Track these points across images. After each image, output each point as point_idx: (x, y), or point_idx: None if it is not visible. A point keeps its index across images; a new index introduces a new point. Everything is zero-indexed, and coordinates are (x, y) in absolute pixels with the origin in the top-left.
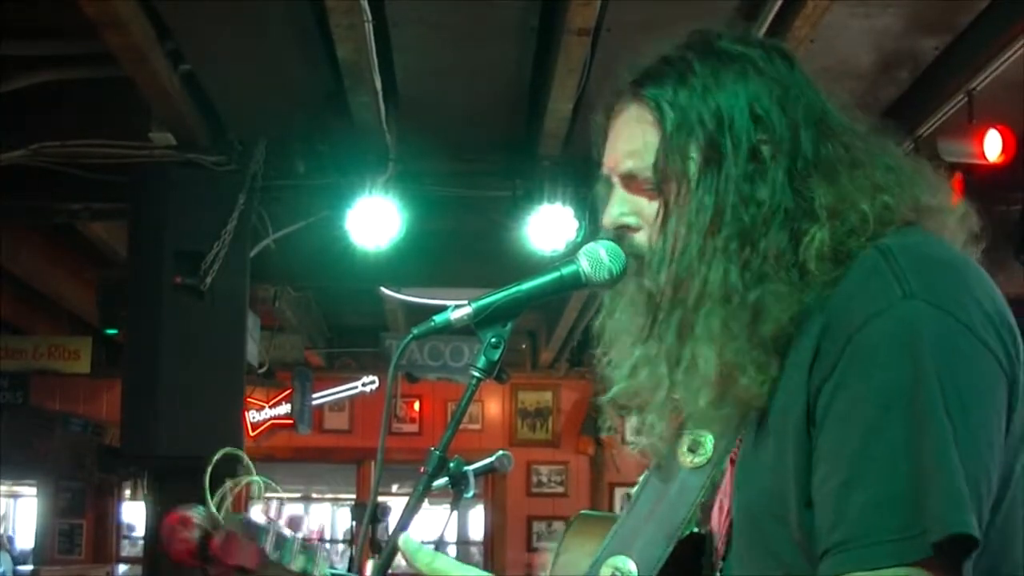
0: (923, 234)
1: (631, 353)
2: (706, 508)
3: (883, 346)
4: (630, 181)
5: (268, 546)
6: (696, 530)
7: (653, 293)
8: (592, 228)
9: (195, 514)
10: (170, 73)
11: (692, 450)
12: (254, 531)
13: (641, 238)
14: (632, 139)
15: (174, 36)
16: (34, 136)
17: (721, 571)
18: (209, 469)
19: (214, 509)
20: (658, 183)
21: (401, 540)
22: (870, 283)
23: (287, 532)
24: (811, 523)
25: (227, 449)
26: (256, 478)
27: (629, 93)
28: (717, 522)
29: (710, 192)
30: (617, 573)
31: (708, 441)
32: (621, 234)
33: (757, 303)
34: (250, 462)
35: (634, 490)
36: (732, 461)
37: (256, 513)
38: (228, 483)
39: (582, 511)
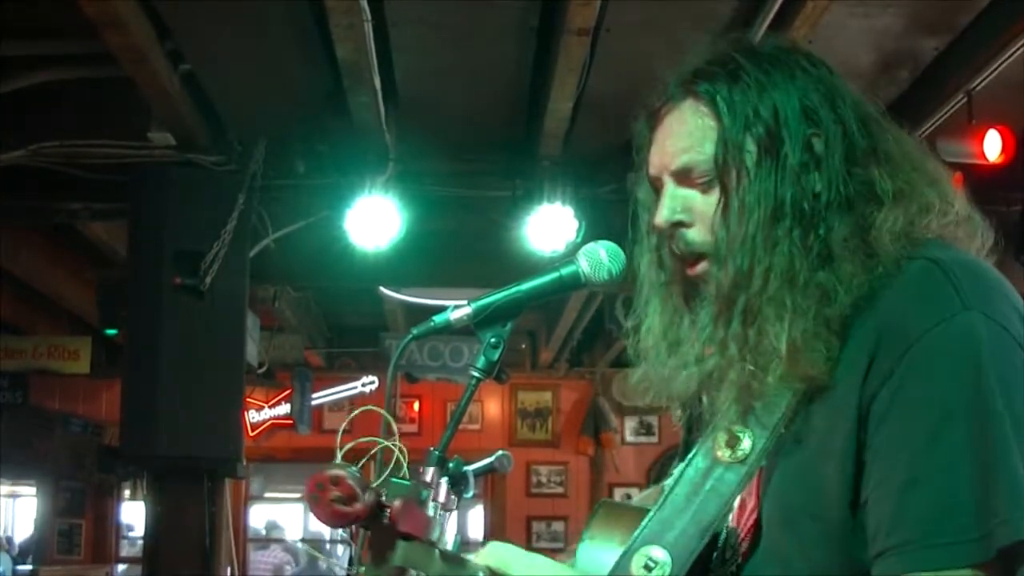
0: (957, 249)
1: (691, 345)
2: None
3: (945, 354)
4: (684, 176)
5: (435, 516)
6: (730, 525)
7: (721, 281)
8: (634, 235)
9: (348, 473)
10: (170, 73)
11: (730, 445)
12: (423, 499)
13: (694, 234)
14: (688, 134)
15: (174, 36)
16: (34, 136)
17: (742, 569)
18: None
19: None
20: (717, 175)
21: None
22: (929, 293)
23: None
24: (854, 524)
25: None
26: (395, 444)
27: (680, 92)
28: (738, 520)
29: (769, 182)
30: (650, 563)
31: (746, 436)
32: (673, 232)
33: (824, 284)
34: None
35: (667, 481)
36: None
37: (421, 480)
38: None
39: (604, 499)
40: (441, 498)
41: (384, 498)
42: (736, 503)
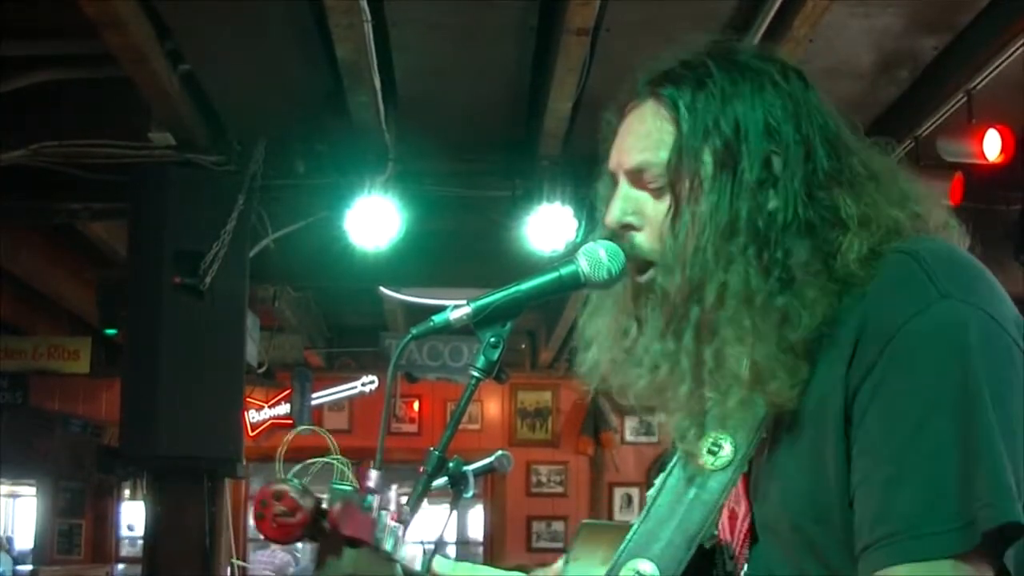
0: (941, 240)
1: (641, 349)
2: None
3: (925, 345)
4: (638, 177)
5: (379, 520)
6: (716, 533)
7: (668, 291)
8: (590, 227)
9: (290, 487)
10: (170, 73)
11: (712, 452)
12: (366, 504)
13: (642, 238)
14: (646, 135)
15: (174, 36)
16: (34, 136)
17: None
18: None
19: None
20: (669, 181)
21: (435, 565)
22: (905, 284)
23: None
24: (839, 523)
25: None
26: (336, 460)
27: (646, 91)
28: (729, 530)
29: (724, 195)
30: None
31: (729, 442)
32: (621, 233)
33: (784, 308)
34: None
35: (650, 492)
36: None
37: (365, 485)
38: (308, 463)
39: (585, 520)
40: (391, 506)
41: (325, 504)
42: (725, 513)
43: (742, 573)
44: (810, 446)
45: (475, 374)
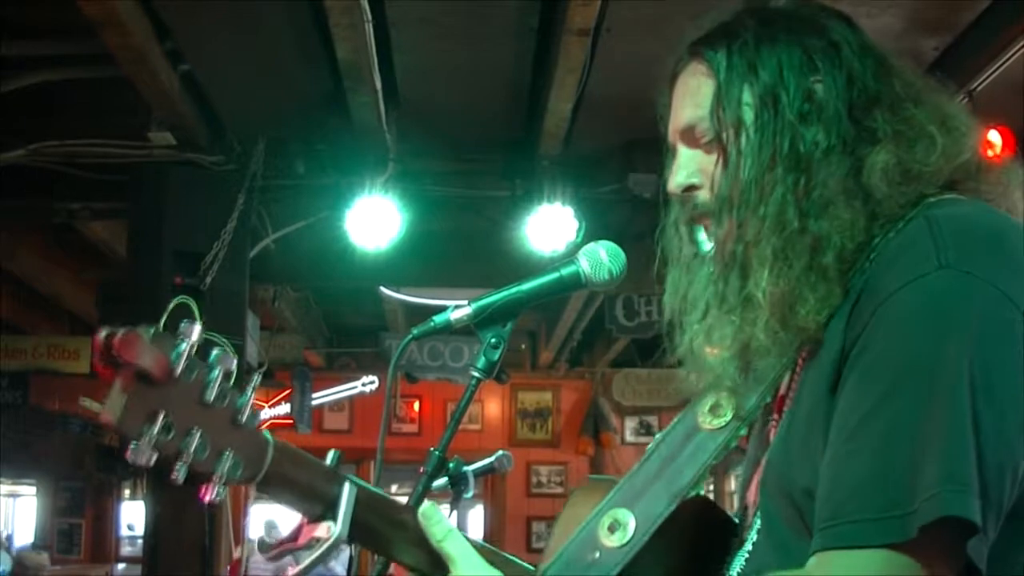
0: (977, 204)
1: (694, 298)
2: (745, 481)
3: (909, 315)
4: (690, 136)
5: (179, 363)
6: (702, 493)
7: (718, 237)
8: (664, 209)
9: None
10: (170, 73)
11: (712, 412)
12: (165, 342)
13: (703, 195)
14: (690, 94)
15: (174, 36)
16: (34, 136)
17: (744, 545)
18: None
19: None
20: (716, 132)
21: (423, 507)
22: (910, 250)
23: (215, 366)
24: None
25: (180, 298)
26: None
27: (687, 55)
28: (751, 496)
29: (767, 134)
30: (615, 524)
31: (730, 404)
32: (687, 197)
33: (817, 232)
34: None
35: (649, 447)
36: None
37: (185, 333)
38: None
39: (591, 475)
40: (224, 365)
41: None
42: (753, 479)
43: (747, 536)
44: (808, 410)
45: (475, 374)
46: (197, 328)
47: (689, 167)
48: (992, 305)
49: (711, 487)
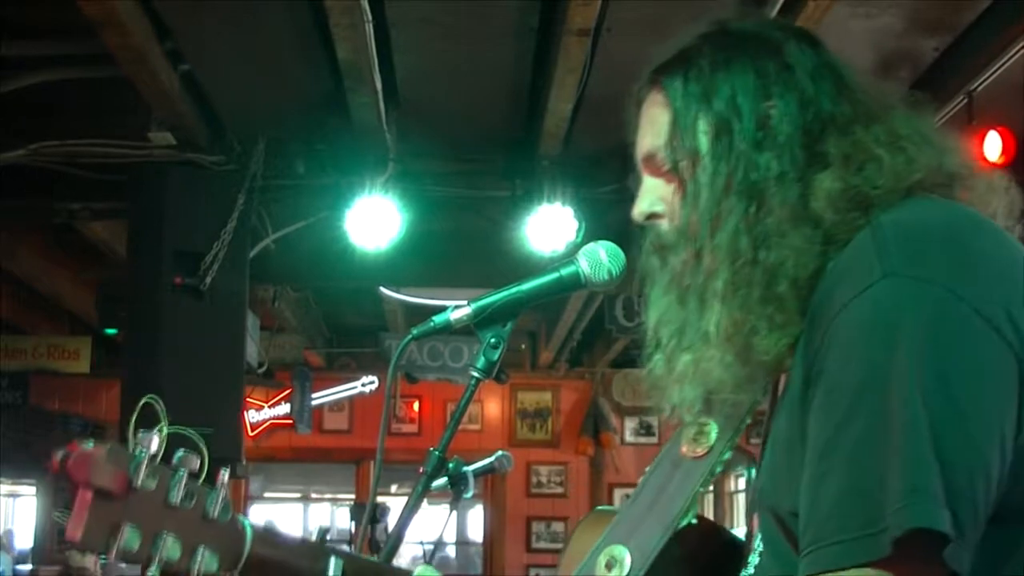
0: (933, 202)
1: (654, 328)
2: (749, 504)
3: (857, 331)
4: (650, 163)
5: (138, 474)
6: (695, 522)
7: (675, 267)
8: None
9: (81, 444)
10: (170, 73)
11: (696, 440)
12: (120, 456)
13: (665, 224)
14: (650, 123)
15: (174, 36)
16: (34, 136)
17: (747, 568)
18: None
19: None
20: (673, 161)
21: (418, 571)
22: (855, 262)
23: (179, 469)
24: None
25: (148, 397)
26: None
27: (648, 84)
28: (753, 519)
29: (721, 163)
30: (612, 561)
31: (712, 430)
32: (650, 225)
33: (769, 261)
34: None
35: (640, 480)
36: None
37: (143, 443)
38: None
39: (597, 507)
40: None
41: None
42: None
43: (750, 559)
44: (786, 431)
45: (475, 374)
46: (155, 439)
47: (651, 196)
48: (941, 307)
49: (711, 488)
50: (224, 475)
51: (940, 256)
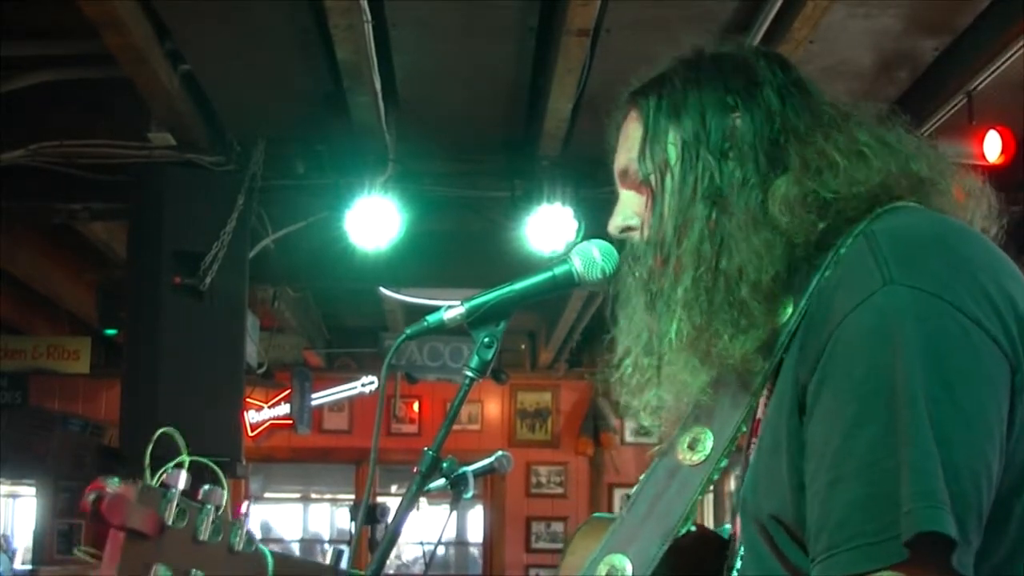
0: (919, 212)
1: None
2: (732, 511)
3: (862, 338)
4: (625, 178)
5: (169, 513)
6: (694, 529)
7: (642, 277)
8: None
9: (107, 482)
10: (169, 73)
11: (691, 447)
12: (151, 496)
13: (637, 236)
14: (625, 139)
15: (173, 36)
16: (34, 136)
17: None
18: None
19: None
20: (645, 174)
21: None
22: (853, 273)
23: (206, 504)
24: (805, 520)
25: (164, 429)
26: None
27: (626, 104)
28: (736, 524)
29: (688, 172)
30: (613, 571)
31: (708, 438)
32: (625, 238)
33: (730, 266)
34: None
35: (634, 489)
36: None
37: (168, 480)
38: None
39: (595, 514)
40: (214, 501)
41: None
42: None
43: (733, 562)
44: (772, 439)
45: (469, 374)
46: (183, 476)
47: (626, 210)
48: (938, 315)
49: (712, 488)
50: (247, 507)
51: (935, 265)
